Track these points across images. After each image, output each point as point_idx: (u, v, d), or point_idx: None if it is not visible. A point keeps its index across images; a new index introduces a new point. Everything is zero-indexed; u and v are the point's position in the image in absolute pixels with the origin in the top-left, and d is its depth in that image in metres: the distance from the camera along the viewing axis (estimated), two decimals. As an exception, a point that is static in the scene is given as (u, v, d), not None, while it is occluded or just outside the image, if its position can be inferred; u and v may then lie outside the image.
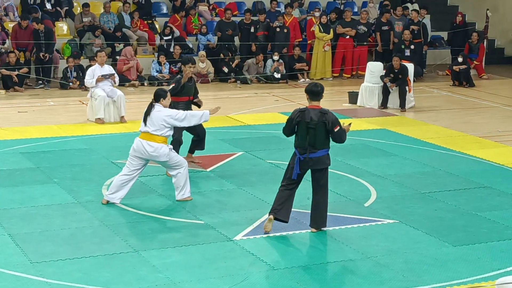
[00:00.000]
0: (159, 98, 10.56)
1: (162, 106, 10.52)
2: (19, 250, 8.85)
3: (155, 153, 10.43)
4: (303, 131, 9.39)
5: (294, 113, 9.53)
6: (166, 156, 10.47)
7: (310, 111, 9.45)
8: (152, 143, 10.41)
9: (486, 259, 8.87)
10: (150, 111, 10.46)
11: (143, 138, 10.46)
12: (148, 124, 10.45)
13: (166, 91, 10.76)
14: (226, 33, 22.34)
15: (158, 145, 10.41)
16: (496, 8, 26.37)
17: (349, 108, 18.30)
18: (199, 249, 8.98)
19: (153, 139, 10.41)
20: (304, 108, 9.54)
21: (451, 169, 12.76)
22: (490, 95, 20.42)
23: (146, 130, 10.44)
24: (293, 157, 9.54)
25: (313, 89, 9.57)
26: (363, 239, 9.41)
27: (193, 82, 12.23)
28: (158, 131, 10.40)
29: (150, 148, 10.41)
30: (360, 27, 23.02)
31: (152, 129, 10.40)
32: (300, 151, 9.43)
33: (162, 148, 10.42)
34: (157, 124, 10.39)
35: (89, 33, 21.97)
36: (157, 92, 10.66)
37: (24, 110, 17.32)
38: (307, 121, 9.38)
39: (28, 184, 11.46)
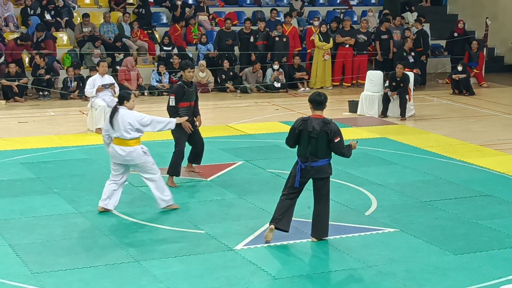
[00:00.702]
0: (123, 101, 10.39)
1: (127, 108, 10.35)
2: (19, 260, 8.84)
3: (128, 157, 10.33)
4: (305, 140, 9.41)
5: (296, 122, 9.55)
6: (140, 158, 10.37)
7: (312, 120, 9.46)
8: (125, 147, 10.29)
9: (487, 267, 8.86)
10: (114, 115, 10.30)
11: (116, 144, 10.35)
12: (115, 128, 10.29)
13: (130, 92, 10.62)
14: (226, 43, 22.36)
15: (131, 149, 10.29)
16: (496, 17, 26.42)
17: (349, 117, 18.31)
18: (199, 259, 8.97)
19: (125, 143, 10.29)
20: (307, 117, 9.55)
21: (452, 177, 12.75)
22: (490, 104, 20.43)
23: (117, 135, 10.30)
24: (295, 166, 9.55)
25: (316, 99, 9.58)
26: (364, 248, 9.40)
27: (194, 87, 12.17)
28: (127, 135, 10.26)
29: (123, 152, 10.31)
30: (359, 36, 23.05)
31: (119, 134, 10.27)
32: (302, 159, 9.43)
33: (135, 151, 10.32)
34: (123, 128, 10.24)
35: (89, 43, 22.00)
36: (121, 94, 10.52)
37: (25, 121, 17.32)
38: (309, 130, 9.39)
39: (28, 195, 11.46)
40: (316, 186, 9.57)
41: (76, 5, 23.95)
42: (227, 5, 25.83)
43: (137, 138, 10.35)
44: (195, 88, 12.19)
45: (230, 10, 25.43)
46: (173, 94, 11.91)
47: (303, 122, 9.48)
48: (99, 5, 24.46)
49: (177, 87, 11.98)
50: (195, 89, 12.19)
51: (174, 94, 11.89)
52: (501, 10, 27.05)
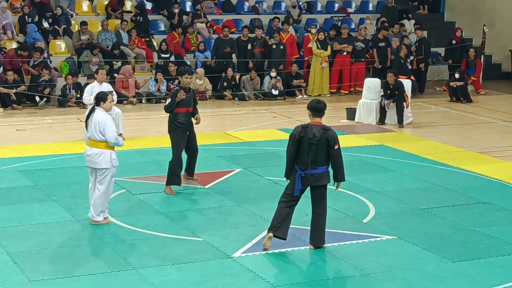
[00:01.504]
0: (99, 102, 10.25)
1: (103, 109, 10.22)
2: (17, 268, 8.83)
3: (93, 159, 10.18)
4: (306, 147, 9.41)
5: (296, 129, 9.55)
6: (105, 163, 10.16)
7: (312, 127, 9.49)
8: (94, 148, 10.17)
9: (485, 274, 8.86)
10: (90, 115, 10.20)
11: (88, 145, 10.27)
12: (88, 129, 10.20)
13: (107, 93, 10.46)
14: (224, 51, 22.38)
15: (98, 151, 10.15)
16: (493, 24, 26.46)
17: (347, 124, 18.32)
18: (197, 267, 8.96)
19: (95, 145, 10.17)
20: (306, 124, 9.57)
21: (450, 184, 12.76)
22: (488, 111, 20.45)
23: (89, 136, 10.21)
24: (293, 174, 9.54)
25: (316, 106, 9.63)
26: (362, 256, 9.40)
27: (192, 93, 12.17)
28: (97, 136, 10.12)
29: (90, 153, 10.19)
30: (357, 44, 23.08)
31: (91, 134, 10.17)
32: (301, 167, 9.43)
33: (102, 155, 10.15)
34: (94, 129, 10.12)
35: (87, 51, 22.01)
36: (98, 95, 10.35)
37: (22, 128, 17.32)
38: (309, 137, 9.42)
39: (26, 202, 11.45)
40: (314, 194, 9.57)
41: (74, 12, 23.96)
42: (224, 13, 25.85)
43: (105, 142, 10.17)
44: (193, 94, 12.21)
45: (228, 17, 25.44)
46: (169, 97, 12.00)
47: (303, 129, 9.49)
48: (97, 12, 24.48)
49: (175, 91, 12.02)
50: (193, 95, 12.20)
51: (170, 97, 11.97)
52: (498, 17, 27.10)
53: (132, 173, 13.23)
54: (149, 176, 13.07)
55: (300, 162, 9.47)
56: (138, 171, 13.37)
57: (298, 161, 9.49)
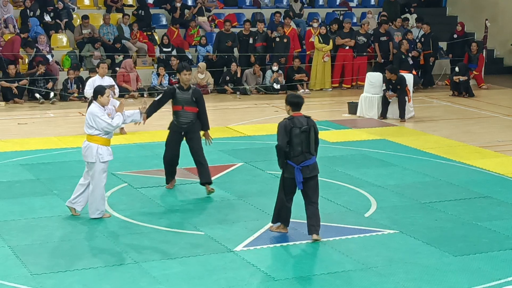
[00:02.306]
0: (97, 95, 10.16)
1: (99, 103, 10.12)
2: (19, 262, 8.84)
3: (83, 152, 10.15)
4: (297, 137, 9.49)
5: (283, 122, 9.60)
6: (92, 157, 10.07)
7: (297, 118, 9.62)
8: (85, 141, 10.16)
9: (487, 269, 8.86)
10: (88, 109, 10.22)
11: (86, 139, 10.25)
12: (85, 123, 10.18)
13: (105, 87, 10.32)
14: (226, 45, 22.37)
15: (86, 144, 10.11)
16: (495, 19, 26.42)
17: (348, 118, 18.30)
18: (199, 260, 8.97)
19: (89, 138, 10.13)
20: (290, 117, 9.65)
21: (451, 179, 12.75)
22: (490, 105, 20.44)
23: (85, 130, 10.22)
24: (287, 170, 9.57)
25: (296, 101, 9.77)
26: (363, 250, 9.40)
27: (192, 92, 11.50)
28: (87, 130, 10.09)
29: (83, 145, 10.16)
30: (359, 38, 23.05)
31: (85, 128, 10.16)
32: (296, 161, 9.47)
33: (89, 148, 10.08)
34: (87, 122, 10.09)
35: (89, 45, 22.00)
36: (96, 89, 10.25)
37: (24, 122, 17.32)
38: (299, 126, 9.52)
39: (28, 196, 11.46)
40: (309, 185, 9.62)
41: (76, 6, 23.95)
42: (226, 7, 25.84)
43: (98, 136, 10.11)
44: (193, 93, 11.52)
45: (230, 11, 25.44)
46: (162, 93, 11.88)
47: (290, 121, 9.59)
48: (99, 6, 24.47)
49: (168, 89, 11.78)
50: (192, 94, 11.52)
51: (162, 93, 11.85)
52: (500, 12, 27.06)
53: (133, 167, 13.24)
54: (151, 170, 13.07)
55: (293, 155, 9.52)
56: (140, 165, 13.38)
57: (291, 155, 9.52)
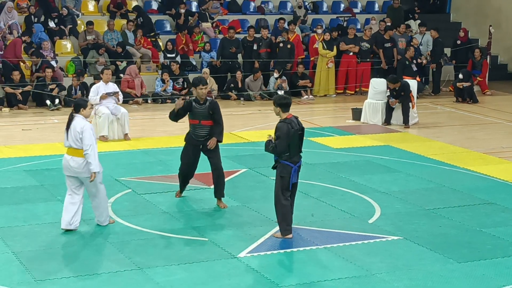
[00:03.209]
0: (79, 108, 9.87)
1: (83, 116, 9.88)
2: (23, 268, 8.84)
3: (78, 169, 9.86)
4: (295, 139, 9.73)
5: (285, 127, 9.70)
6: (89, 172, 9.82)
7: (291, 119, 9.78)
8: (76, 158, 9.83)
9: (491, 275, 8.85)
10: (70, 124, 9.84)
11: (69, 154, 9.93)
12: (69, 137, 9.85)
13: (87, 100, 10.13)
14: (230, 51, 22.38)
15: (83, 160, 9.81)
16: (499, 25, 26.42)
17: (352, 124, 18.30)
18: (203, 266, 8.97)
19: (77, 153, 9.83)
20: (286, 119, 9.77)
21: (455, 185, 12.74)
22: (494, 111, 20.43)
23: (70, 145, 9.88)
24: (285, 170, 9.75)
25: (286, 102, 9.94)
26: (367, 256, 9.39)
27: (208, 105, 11.20)
28: (79, 144, 9.78)
29: (74, 163, 9.85)
30: (363, 44, 23.06)
31: (72, 143, 9.84)
32: (293, 161, 9.73)
33: (87, 163, 9.80)
34: (75, 137, 9.79)
35: (93, 51, 22.03)
36: (77, 102, 9.95)
37: (28, 128, 17.34)
38: (295, 128, 9.72)
39: (32, 202, 11.46)
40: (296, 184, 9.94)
41: (80, 12, 23.99)
42: (230, 13, 25.86)
43: None
44: (209, 107, 11.21)
45: (234, 18, 25.46)
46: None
47: (289, 124, 9.71)
48: (103, 12, 24.50)
49: (185, 102, 11.33)
50: (208, 108, 11.20)
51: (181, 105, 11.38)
52: (504, 18, 27.06)
53: (137, 173, 13.24)
54: (155, 176, 13.08)
55: (290, 156, 9.73)
56: (144, 171, 13.38)
57: (288, 156, 9.72)
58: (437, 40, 23.51)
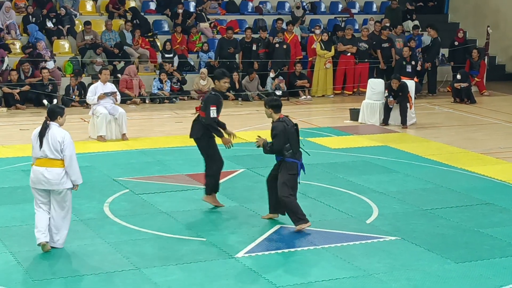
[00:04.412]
0: (56, 116, 9.21)
1: (59, 124, 9.21)
2: (21, 268, 8.84)
3: (55, 181, 9.06)
4: (293, 136, 10.00)
5: (279, 125, 10.00)
6: (67, 184, 9.11)
7: (284, 119, 10.08)
8: (52, 168, 9.05)
9: (489, 276, 8.85)
10: (45, 132, 9.11)
11: (41, 165, 9.09)
12: (44, 147, 9.07)
13: (63, 107, 9.44)
14: (228, 51, 22.38)
15: (61, 170, 9.07)
16: (497, 25, 26.44)
17: (350, 125, 18.30)
18: (200, 267, 8.97)
19: (54, 164, 9.06)
20: (280, 119, 10.07)
21: (453, 185, 12.75)
22: (491, 112, 20.44)
23: (44, 155, 9.08)
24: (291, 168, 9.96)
25: (277, 103, 10.22)
26: (365, 256, 9.39)
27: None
28: (57, 155, 9.05)
29: (51, 175, 9.04)
30: (361, 44, 23.07)
31: (48, 153, 9.06)
32: (297, 157, 10.03)
33: (64, 175, 9.09)
34: (53, 147, 9.06)
35: (91, 51, 22.02)
36: (53, 109, 9.27)
37: (26, 128, 17.32)
38: (290, 125, 10.01)
39: (29, 202, 11.39)
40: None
41: (78, 13, 23.98)
42: (228, 13, 25.86)
43: (61, 160, 9.10)
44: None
45: (232, 18, 25.45)
46: (214, 104, 10.75)
47: (283, 123, 10.00)
48: (101, 12, 24.49)
49: (215, 97, 10.81)
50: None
51: (215, 105, 10.76)
52: (502, 19, 27.08)
53: (135, 173, 13.24)
54: (153, 176, 13.07)
55: (293, 152, 10.00)
56: (142, 171, 13.38)
57: (291, 153, 9.99)
58: (436, 40, 23.49)
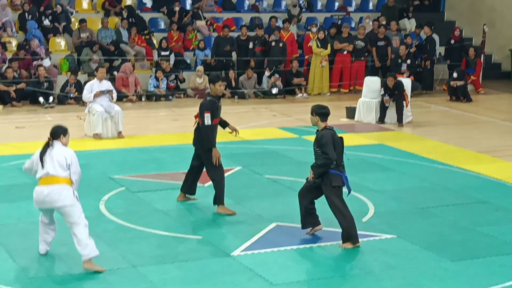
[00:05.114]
0: (58, 135, 8.94)
1: (62, 144, 8.96)
2: (16, 266, 8.84)
3: (54, 197, 8.79)
4: (340, 148, 9.55)
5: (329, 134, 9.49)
6: (70, 200, 8.81)
7: (331, 128, 9.63)
8: (51, 185, 8.80)
9: (485, 274, 8.86)
10: (46, 152, 8.88)
11: (42, 184, 8.91)
12: (47, 166, 8.83)
13: (66, 128, 9.07)
14: (224, 49, 22.37)
15: (61, 186, 8.80)
16: (493, 24, 26.45)
17: (346, 123, 18.32)
18: (197, 265, 8.97)
19: (54, 181, 8.81)
20: (327, 127, 9.57)
21: (449, 184, 12.76)
22: (488, 110, 20.46)
23: (46, 174, 8.84)
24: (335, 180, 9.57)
25: (325, 111, 9.64)
26: (361, 254, 9.40)
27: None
28: (61, 172, 8.82)
29: (49, 190, 8.79)
30: (357, 42, 23.08)
31: (50, 171, 8.81)
32: (341, 170, 9.62)
33: (64, 190, 8.80)
34: (58, 164, 8.82)
35: (87, 49, 22.00)
36: (55, 129, 8.98)
37: (22, 126, 17.32)
38: (337, 136, 9.57)
39: (25, 200, 11.42)
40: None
41: (74, 10, 23.95)
42: (225, 11, 25.84)
43: (68, 178, 8.87)
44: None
45: (228, 16, 25.44)
46: (208, 111, 10.62)
47: (331, 131, 9.55)
48: (97, 10, 24.47)
49: (210, 103, 10.69)
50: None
51: (209, 111, 10.62)
52: (498, 17, 27.10)
53: (131, 171, 13.24)
54: (149, 174, 13.07)
55: (337, 164, 9.55)
56: (138, 169, 13.37)
57: (335, 165, 9.53)
58: (430, 38, 23.49)
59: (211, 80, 10.95)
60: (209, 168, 10.96)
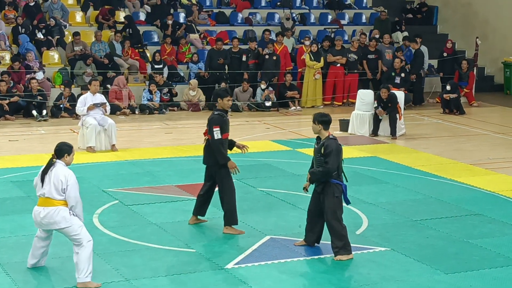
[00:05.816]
0: (63, 154, 8.83)
1: (65, 163, 8.84)
2: (9, 279, 8.80)
3: (51, 220, 8.67)
4: (340, 158, 9.66)
5: (335, 143, 9.52)
6: (65, 222, 8.64)
7: (335, 137, 9.68)
8: (46, 207, 8.68)
9: (478, 286, 8.86)
10: (48, 170, 8.76)
11: (39, 205, 8.79)
12: (45, 186, 8.70)
13: (71, 146, 9.01)
14: (218, 62, 22.39)
15: (55, 208, 8.65)
16: (486, 37, 26.56)
17: (340, 135, 18.32)
18: (190, 278, 8.95)
19: (49, 203, 8.69)
20: (331, 137, 9.60)
21: (442, 196, 12.77)
22: (481, 123, 20.50)
23: (42, 194, 8.73)
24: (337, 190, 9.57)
25: (327, 119, 9.63)
26: (355, 267, 9.39)
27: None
28: (56, 195, 8.67)
29: (45, 212, 8.68)
30: (350, 55, 23.13)
31: (47, 191, 8.68)
32: (341, 179, 9.62)
33: (59, 212, 8.65)
34: (54, 185, 8.67)
35: (81, 62, 22.01)
36: (60, 147, 8.89)
37: (15, 139, 17.29)
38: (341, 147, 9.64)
39: (18, 213, 11.42)
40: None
41: (67, 23, 23.96)
42: (218, 24, 25.89)
43: (64, 201, 8.71)
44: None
45: (221, 29, 25.49)
46: (217, 125, 10.40)
47: (336, 140, 9.59)
48: (90, 23, 24.49)
49: (217, 117, 10.47)
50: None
51: (218, 125, 10.41)
52: (491, 30, 27.21)
53: (124, 184, 13.22)
54: (142, 187, 13.05)
55: (339, 174, 9.60)
56: (131, 182, 13.35)
57: (337, 175, 9.56)
58: (418, 51, 23.52)
59: (219, 94, 10.66)
60: (223, 187, 10.66)
